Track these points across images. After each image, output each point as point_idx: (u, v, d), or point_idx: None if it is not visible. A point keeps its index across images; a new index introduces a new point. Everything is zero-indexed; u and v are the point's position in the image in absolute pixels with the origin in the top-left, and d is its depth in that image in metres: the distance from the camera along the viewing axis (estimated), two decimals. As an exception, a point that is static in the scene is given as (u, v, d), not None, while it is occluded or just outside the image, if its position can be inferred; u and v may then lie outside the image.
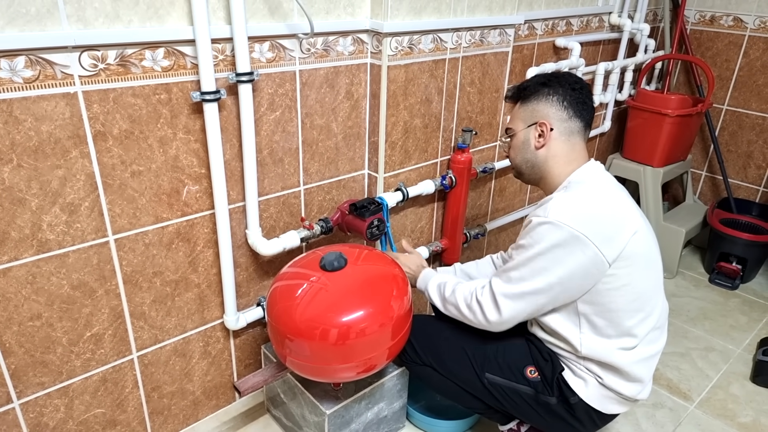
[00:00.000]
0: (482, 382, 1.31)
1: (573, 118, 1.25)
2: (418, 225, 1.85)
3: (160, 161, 1.25)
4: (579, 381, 1.25)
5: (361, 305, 1.23)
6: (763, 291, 2.43)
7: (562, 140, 1.25)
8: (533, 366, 1.29)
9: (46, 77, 1.05)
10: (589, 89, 1.29)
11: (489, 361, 1.32)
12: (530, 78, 1.33)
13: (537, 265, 1.15)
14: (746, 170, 2.67)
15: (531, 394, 1.28)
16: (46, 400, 1.27)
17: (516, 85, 1.34)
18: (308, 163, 1.53)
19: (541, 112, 1.26)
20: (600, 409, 1.25)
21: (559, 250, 1.13)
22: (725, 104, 2.66)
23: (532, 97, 1.27)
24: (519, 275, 1.18)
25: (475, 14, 1.65)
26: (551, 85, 1.26)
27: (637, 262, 1.17)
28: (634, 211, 1.22)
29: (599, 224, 1.14)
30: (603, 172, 1.28)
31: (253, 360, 1.66)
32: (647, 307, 1.21)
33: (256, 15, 1.28)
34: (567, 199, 1.17)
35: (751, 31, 2.51)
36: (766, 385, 1.86)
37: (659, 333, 1.28)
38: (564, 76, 1.28)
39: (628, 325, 1.20)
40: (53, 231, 1.15)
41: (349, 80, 1.52)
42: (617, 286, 1.16)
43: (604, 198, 1.20)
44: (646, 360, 1.24)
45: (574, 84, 1.26)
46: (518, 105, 1.31)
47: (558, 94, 1.24)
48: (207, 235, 1.39)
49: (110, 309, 1.29)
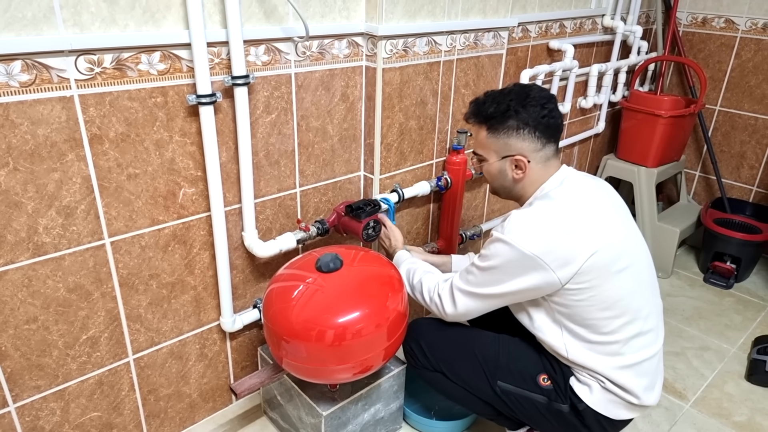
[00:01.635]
0: (494, 389, 1.30)
1: (547, 144, 1.23)
2: (414, 226, 1.86)
3: (156, 164, 1.25)
4: (584, 387, 1.24)
5: (357, 306, 1.24)
6: (757, 290, 2.45)
7: (539, 167, 1.24)
8: (545, 374, 1.28)
9: (43, 81, 1.05)
10: (555, 100, 1.25)
11: (501, 369, 1.31)
12: (490, 97, 1.25)
13: (491, 277, 1.21)
14: (739, 170, 2.69)
15: (544, 402, 1.27)
16: (42, 403, 1.27)
17: (477, 107, 1.27)
18: (304, 165, 1.54)
19: (514, 146, 1.23)
20: (607, 414, 1.23)
21: (511, 267, 1.17)
22: (718, 105, 2.68)
23: (501, 129, 1.23)
24: (475, 280, 1.24)
25: (469, 17, 1.66)
26: (519, 116, 1.20)
27: (600, 274, 1.14)
28: (601, 226, 1.17)
29: (552, 246, 1.13)
30: (572, 180, 1.24)
31: (249, 362, 1.66)
32: (627, 313, 1.18)
33: (252, 19, 1.29)
34: (524, 218, 1.18)
35: (743, 32, 2.53)
36: (760, 383, 1.87)
37: (650, 338, 1.23)
38: (528, 98, 1.21)
39: (607, 331, 1.18)
40: (49, 234, 1.15)
41: (345, 83, 1.53)
42: (582, 297, 1.16)
43: (565, 216, 1.17)
44: (633, 367, 1.21)
45: (542, 107, 1.21)
46: (486, 133, 1.26)
47: (528, 126, 1.20)
48: (203, 237, 1.40)
49: (106, 312, 1.30)
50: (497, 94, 1.26)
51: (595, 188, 1.27)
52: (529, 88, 1.25)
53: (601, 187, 1.30)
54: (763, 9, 2.45)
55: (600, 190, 1.28)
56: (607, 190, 1.30)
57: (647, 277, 1.26)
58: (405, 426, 1.65)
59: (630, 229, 1.25)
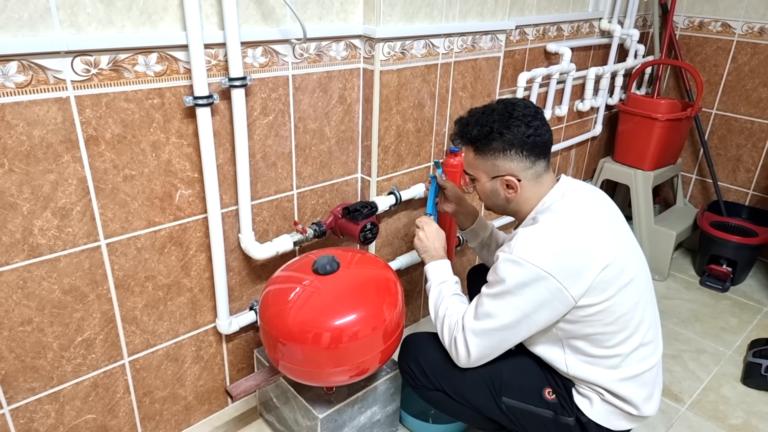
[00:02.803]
0: (500, 406, 1.26)
1: (536, 161, 1.20)
2: (411, 228, 1.86)
3: (152, 165, 1.25)
4: (585, 400, 1.23)
5: (354, 309, 1.24)
6: (753, 293, 2.46)
7: (531, 183, 1.21)
8: (550, 387, 1.26)
9: (39, 82, 1.05)
10: (541, 114, 1.22)
11: (506, 385, 1.26)
12: (474, 118, 1.22)
13: (503, 303, 1.14)
14: (735, 173, 2.70)
15: (550, 417, 1.24)
16: (36, 405, 1.26)
17: (461, 129, 1.25)
18: (301, 166, 1.54)
19: (503, 167, 1.20)
20: (609, 426, 1.22)
21: (523, 287, 1.11)
22: (714, 108, 2.69)
23: (487, 151, 1.20)
24: (485, 311, 1.17)
25: (466, 20, 1.67)
26: (504, 137, 1.17)
27: (608, 289, 1.12)
28: (608, 238, 1.15)
29: (564, 261, 1.10)
30: (573, 192, 1.22)
31: (245, 364, 1.65)
32: (630, 327, 1.17)
33: (249, 20, 1.28)
34: (532, 235, 1.13)
35: (739, 36, 2.54)
36: (756, 386, 1.88)
37: (650, 349, 1.22)
38: (512, 118, 1.18)
39: (609, 345, 1.17)
40: (44, 235, 1.15)
41: (342, 85, 1.53)
42: (591, 313, 1.13)
43: (573, 230, 1.14)
44: (633, 378, 1.20)
45: (527, 126, 1.17)
46: (473, 154, 1.24)
47: (514, 146, 1.17)
48: (200, 239, 1.39)
49: (102, 314, 1.29)
50: (480, 114, 1.22)
51: (595, 200, 1.24)
52: (512, 106, 1.20)
53: (600, 197, 1.27)
54: (759, 13, 2.46)
55: (599, 201, 1.26)
56: (606, 201, 1.28)
57: (647, 288, 1.24)
58: (401, 429, 1.65)
59: (630, 240, 1.23)
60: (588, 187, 1.29)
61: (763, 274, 2.59)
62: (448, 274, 1.36)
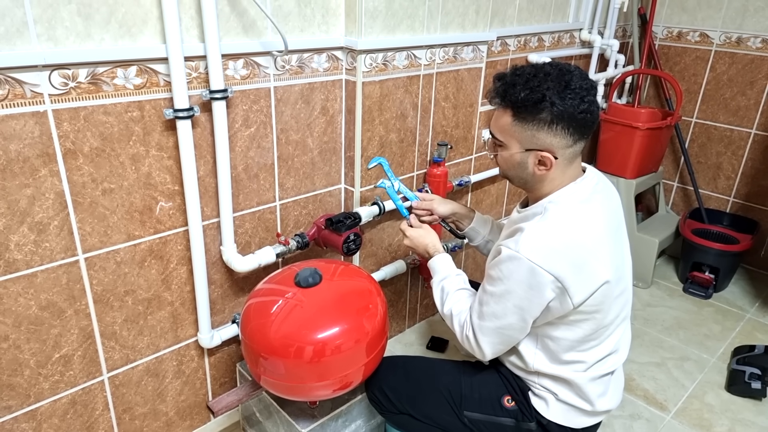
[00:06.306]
0: (462, 421, 1.26)
1: (578, 141, 1.08)
2: (395, 239, 1.86)
3: (132, 178, 1.24)
4: (541, 402, 1.23)
5: (337, 322, 1.23)
6: (736, 300, 2.48)
7: (564, 164, 1.11)
8: (509, 395, 1.26)
9: (15, 96, 1.03)
10: (596, 90, 1.07)
11: (466, 399, 1.26)
12: (523, 78, 1.07)
13: (508, 303, 1.10)
14: (716, 181, 2.74)
15: (512, 425, 1.24)
16: (13, 424, 1.24)
17: (505, 88, 1.09)
18: (284, 178, 1.53)
19: (542, 141, 1.07)
20: (570, 425, 1.22)
21: (528, 290, 1.07)
22: (694, 117, 2.73)
23: (530, 120, 1.06)
24: (491, 311, 1.13)
25: (448, 31, 1.68)
26: (555, 108, 1.03)
27: (604, 300, 1.10)
28: (612, 251, 1.11)
29: (571, 266, 1.05)
30: (600, 194, 1.14)
31: (228, 378, 1.63)
32: (601, 337, 1.16)
33: (230, 33, 1.28)
34: (539, 232, 1.06)
35: (717, 46, 2.58)
36: (740, 394, 1.89)
37: (619, 356, 1.22)
38: (568, 88, 1.04)
39: (583, 349, 1.17)
40: (21, 251, 1.13)
41: (325, 96, 1.53)
42: (578, 319, 1.12)
43: (583, 236, 1.07)
44: (598, 379, 1.20)
45: (581, 100, 1.04)
46: (511, 119, 1.09)
47: (563, 120, 1.04)
48: (180, 252, 1.38)
49: (80, 329, 1.27)
50: (531, 76, 1.06)
51: (611, 203, 1.18)
52: (569, 74, 1.06)
53: (616, 201, 1.21)
54: (736, 23, 2.51)
55: (614, 205, 1.19)
56: (618, 205, 1.22)
57: (630, 298, 1.23)
58: (387, 441, 1.63)
59: (626, 251, 1.22)
60: (611, 189, 1.22)
61: (745, 281, 2.62)
62: (448, 269, 1.31)
